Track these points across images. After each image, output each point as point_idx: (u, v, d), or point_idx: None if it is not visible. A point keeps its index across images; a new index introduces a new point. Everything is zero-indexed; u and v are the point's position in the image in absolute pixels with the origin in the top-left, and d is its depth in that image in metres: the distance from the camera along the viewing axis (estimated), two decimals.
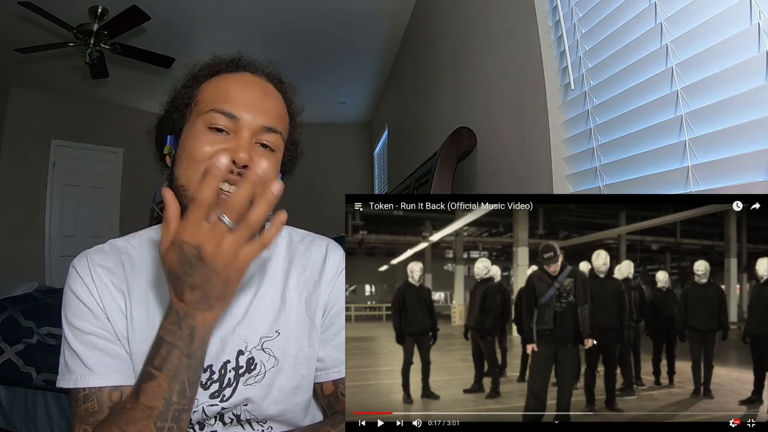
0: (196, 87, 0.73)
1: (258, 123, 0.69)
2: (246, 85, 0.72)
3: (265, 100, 0.72)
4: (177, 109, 0.73)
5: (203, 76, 0.74)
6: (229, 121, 0.68)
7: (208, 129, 0.68)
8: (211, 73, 0.74)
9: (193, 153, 0.67)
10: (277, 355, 0.73)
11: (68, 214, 5.11)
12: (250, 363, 0.72)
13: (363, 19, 3.57)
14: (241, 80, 0.72)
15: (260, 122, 0.69)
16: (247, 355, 0.72)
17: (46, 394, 1.83)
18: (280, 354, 0.73)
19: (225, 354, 0.71)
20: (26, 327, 1.99)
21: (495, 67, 1.70)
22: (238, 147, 0.66)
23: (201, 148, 0.67)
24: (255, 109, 0.69)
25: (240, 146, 0.66)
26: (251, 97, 0.70)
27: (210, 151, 0.66)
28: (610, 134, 1.05)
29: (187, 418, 0.60)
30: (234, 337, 0.72)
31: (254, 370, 0.72)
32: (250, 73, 0.74)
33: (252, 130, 0.69)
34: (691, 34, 0.81)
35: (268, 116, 0.71)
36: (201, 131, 0.68)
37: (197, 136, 0.68)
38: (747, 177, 0.71)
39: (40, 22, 3.24)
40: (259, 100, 0.71)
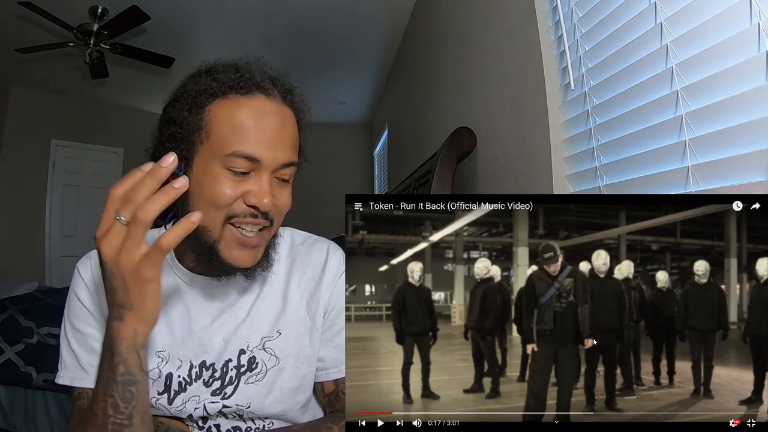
0: (203, 109, 0.66)
1: (279, 161, 0.66)
2: (263, 117, 0.66)
3: (284, 132, 0.68)
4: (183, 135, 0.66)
5: (207, 97, 0.66)
6: (249, 163, 0.64)
7: (227, 170, 0.64)
8: (218, 92, 0.66)
9: (215, 198, 0.64)
10: (278, 355, 0.74)
11: (68, 214, 5.11)
12: (252, 362, 0.73)
13: (363, 19, 3.57)
14: (256, 109, 0.66)
15: (281, 159, 0.67)
16: (249, 355, 0.73)
17: (46, 394, 1.83)
18: (281, 354, 0.74)
19: (227, 353, 0.73)
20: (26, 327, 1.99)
21: (495, 67, 1.70)
22: (261, 192, 0.65)
23: (224, 194, 0.64)
24: (275, 145, 0.66)
25: (263, 191, 0.65)
26: (269, 131, 0.66)
27: (232, 195, 0.64)
28: (610, 134, 1.05)
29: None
30: (236, 337, 0.73)
31: (255, 369, 0.73)
32: (264, 96, 0.67)
33: (272, 169, 0.66)
34: (691, 34, 0.81)
35: (285, 150, 0.67)
36: (221, 174, 0.64)
37: (217, 179, 0.64)
38: (747, 177, 0.71)
39: (40, 22, 3.24)
40: (277, 132, 0.66)
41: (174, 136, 0.66)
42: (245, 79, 0.66)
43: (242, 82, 0.66)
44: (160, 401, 0.71)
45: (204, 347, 0.73)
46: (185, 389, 0.71)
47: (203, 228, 0.65)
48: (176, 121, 0.66)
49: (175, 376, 0.71)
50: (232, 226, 0.66)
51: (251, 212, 0.66)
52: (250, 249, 0.67)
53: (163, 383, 0.71)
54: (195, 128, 0.66)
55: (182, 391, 0.71)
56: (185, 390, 0.71)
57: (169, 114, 0.68)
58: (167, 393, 0.71)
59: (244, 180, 0.65)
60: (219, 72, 0.68)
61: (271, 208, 0.66)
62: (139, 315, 0.54)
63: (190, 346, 0.72)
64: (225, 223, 0.65)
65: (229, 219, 0.65)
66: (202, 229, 0.65)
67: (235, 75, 0.67)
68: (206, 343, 0.73)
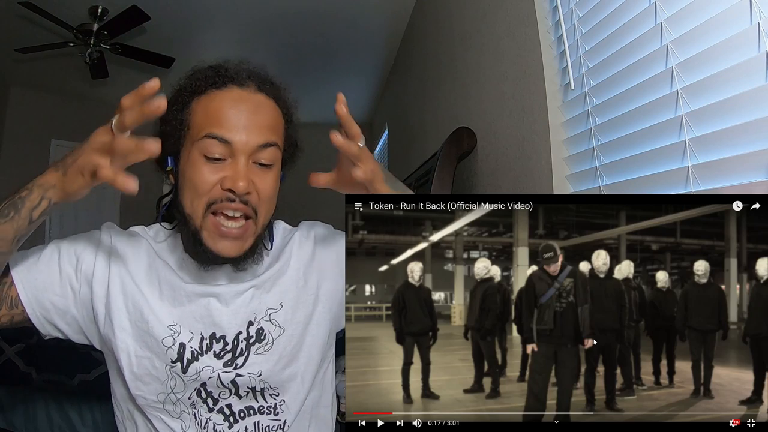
0: (186, 107, 0.72)
1: (253, 143, 0.69)
2: (235, 103, 0.70)
3: (257, 115, 0.71)
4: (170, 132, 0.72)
5: (189, 95, 0.72)
6: (223, 147, 0.68)
7: (205, 158, 0.68)
8: (197, 90, 0.72)
9: (194, 184, 0.69)
10: (282, 325, 0.78)
11: (68, 214, 5.11)
12: (260, 333, 0.76)
13: (363, 19, 3.57)
14: (229, 97, 0.70)
15: (255, 141, 0.69)
16: (257, 326, 0.77)
17: (46, 394, 1.83)
18: (285, 323, 0.78)
19: (236, 326, 0.76)
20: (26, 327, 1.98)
21: (495, 67, 1.70)
22: (236, 175, 0.68)
23: (201, 179, 0.68)
24: (248, 128, 0.69)
25: (238, 174, 0.68)
26: (242, 116, 0.69)
27: (211, 180, 0.68)
28: (610, 134, 1.05)
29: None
30: (245, 310, 0.77)
31: (264, 340, 0.76)
32: (238, 87, 0.71)
33: (247, 152, 0.69)
34: (691, 34, 0.81)
35: (261, 133, 0.70)
36: (198, 160, 0.69)
37: (195, 166, 0.69)
38: (747, 177, 0.71)
39: (40, 22, 3.24)
40: (250, 117, 0.70)
41: (165, 135, 0.71)
42: (220, 75, 0.72)
43: (217, 78, 0.71)
44: (174, 369, 0.72)
45: (213, 319, 0.75)
46: (197, 359, 0.73)
47: (188, 216, 0.70)
48: (166, 120, 0.72)
49: (187, 346, 0.73)
50: (212, 215, 0.69)
51: (228, 197, 0.68)
52: (232, 240, 0.70)
53: (176, 351, 0.73)
54: (180, 125, 0.71)
55: (195, 360, 0.73)
56: (197, 360, 0.73)
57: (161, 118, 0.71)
58: (180, 362, 0.73)
59: (221, 166, 0.69)
60: (199, 72, 0.73)
61: (248, 191, 0.68)
62: (63, 182, 0.61)
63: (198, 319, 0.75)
64: (206, 211, 0.69)
65: (209, 207, 0.69)
66: (187, 218, 0.70)
67: (212, 73, 0.72)
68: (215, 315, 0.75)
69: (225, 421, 0.74)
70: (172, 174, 0.74)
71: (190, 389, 0.73)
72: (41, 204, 0.63)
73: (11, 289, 0.71)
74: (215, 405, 0.74)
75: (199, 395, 0.74)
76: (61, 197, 0.63)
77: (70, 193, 0.62)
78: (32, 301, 0.72)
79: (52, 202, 0.63)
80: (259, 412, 0.76)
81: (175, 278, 0.75)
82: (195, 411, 0.74)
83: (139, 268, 0.75)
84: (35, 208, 0.63)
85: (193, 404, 0.73)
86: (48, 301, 0.72)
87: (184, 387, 0.73)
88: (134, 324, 0.73)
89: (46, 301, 0.72)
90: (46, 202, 0.63)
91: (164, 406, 0.73)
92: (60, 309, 0.73)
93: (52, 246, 0.75)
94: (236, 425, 0.75)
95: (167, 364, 0.72)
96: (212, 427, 0.74)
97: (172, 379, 0.73)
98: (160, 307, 0.74)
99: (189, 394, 0.73)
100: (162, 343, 0.72)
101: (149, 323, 0.73)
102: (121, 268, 0.75)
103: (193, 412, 0.73)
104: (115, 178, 0.58)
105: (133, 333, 0.73)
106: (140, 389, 0.72)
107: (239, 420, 0.75)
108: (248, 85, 0.72)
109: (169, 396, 0.73)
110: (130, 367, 0.72)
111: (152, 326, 0.72)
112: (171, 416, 0.73)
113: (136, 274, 0.75)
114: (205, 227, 0.69)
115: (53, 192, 0.63)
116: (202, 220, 0.69)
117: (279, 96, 0.76)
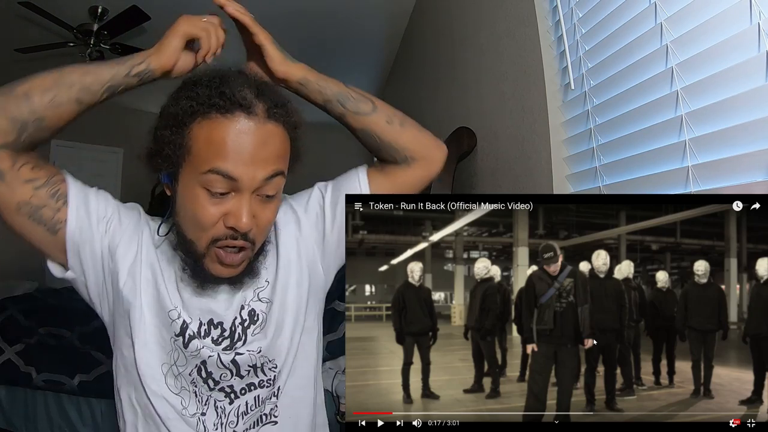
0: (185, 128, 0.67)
1: (259, 178, 0.66)
2: (241, 136, 0.65)
3: (266, 148, 0.66)
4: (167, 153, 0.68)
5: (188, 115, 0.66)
6: (228, 183, 0.65)
7: (208, 192, 0.66)
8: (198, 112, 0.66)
9: (197, 219, 0.67)
10: (270, 298, 0.78)
11: None
12: (252, 314, 0.76)
13: (363, 19, 3.57)
14: (235, 129, 0.65)
15: (261, 176, 0.66)
16: (248, 308, 0.76)
17: (46, 394, 1.83)
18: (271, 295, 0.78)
19: (233, 311, 0.76)
20: (26, 327, 1.99)
21: (495, 67, 1.70)
22: (239, 212, 0.66)
23: (204, 215, 0.67)
24: (255, 163, 0.65)
25: (241, 211, 0.66)
26: (247, 151, 0.65)
27: (214, 215, 0.67)
28: (610, 134, 1.05)
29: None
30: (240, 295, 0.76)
31: (257, 320, 0.76)
32: (245, 115, 0.65)
33: (253, 188, 0.66)
34: (691, 34, 0.81)
35: (268, 165, 0.67)
36: (200, 195, 0.66)
37: (197, 201, 0.66)
38: (747, 177, 0.71)
39: (40, 22, 3.24)
40: (258, 151, 0.66)
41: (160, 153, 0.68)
42: (226, 97, 0.65)
43: (222, 101, 0.65)
44: (177, 342, 0.73)
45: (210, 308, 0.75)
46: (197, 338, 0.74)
47: (190, 242, 0.70)
48: (163, 139, 0.68)
49: (189, 325, 0.74)
50: (216, 248, 0.69)
51: (231, 234, 0.67)
52: (234, 266, 0.71)
53: (180, 325, 0.73)
54: (178, 147, 0.67)
55: (195, 338, 0.74)
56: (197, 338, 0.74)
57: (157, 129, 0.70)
58: (182, 336, 0.73)
59: (223, 201, 0.66)
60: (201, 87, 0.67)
61: (251, 229, 0.68)
62: (158, 49, 0.71)
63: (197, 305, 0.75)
64: (210, 245, 0.69)
65: (213, 242, 0.68)
66: (189, 243, 0.70)
67: (216, 92, 0.66)
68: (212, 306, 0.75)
69: (226, 397, 0.75)
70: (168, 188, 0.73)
71: (191, 365, 0.74)
72: (141, 65, 0.70)
73: (63, 184, 0.71)
74: (216, 386, 0.75)
75: (200, 374, 0.74)
76: (161, 62, 0.70)
77: (168, 53, 0.70)
78: (77, 217, 0.70)
79: (150, 65, 0.70)
80: (259, 386, 0.76)
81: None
82: (196, 389, 0.74)
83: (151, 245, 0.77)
84: (136, 65, 0.70)
85: (193, 382, 0.74)
86: (87, 230, 0.71)
87: (186, 362, 0.74)
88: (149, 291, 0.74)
89: (86, 228, 0.71)
90: (145, 65, 0.70)
91: (166, 379, 0.73)
92: (94, 250, 0.72)
93: (97, 189, 0.76)
94: (236, 401, 0.75)
95: (172, 336, 0.73)
96: (213, 403, 0.74)
97: (175, 352, 0.73)
98: (170, 283, 0.75)
99: (190, 371, 0.74)
100: (168, 315, 0.73)
101: (160, 293, 0.74)
102: (149, 239, 0.76)
103: (194, 390, 0.74)
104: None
105: (147, 300, 0.73)
106: (146, 358, 0.73)
107: (239, 396, 0.75)
108: (256, 112, 0.66)
109: (171, 368, 0.73)
110: (143, 333, 0.72)
111: (163, 297, 0.74)
112: (172, 392, 0.73)
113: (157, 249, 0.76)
114: (208, 255, 0.70)
115: (153, 58, 0.70)
116: (205, 250, 0.70)
117: (288, 118, 0.71)
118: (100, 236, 0.73)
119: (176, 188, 0.70)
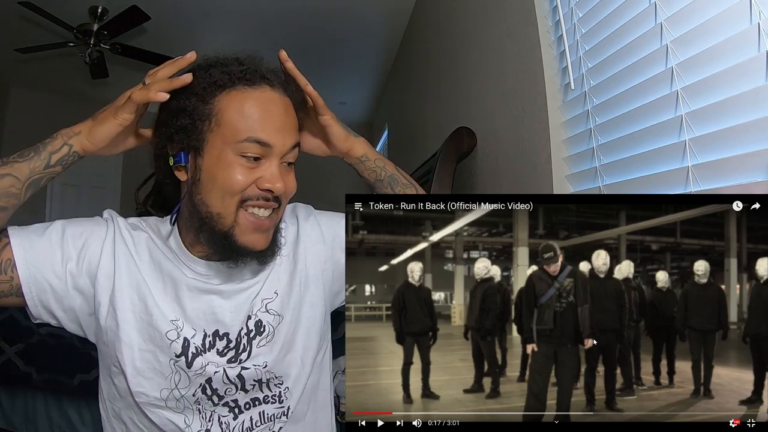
0: (212, 99, 0.69)
1: (288, 144, 0.71)
2: (270, 105, 0.71)
3: (288, 118, 0.73)
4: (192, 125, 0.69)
5: (217, 87, 0.70)
6: (262, 149, 0.69)
7: (240, 156, 0.68)
8: (224, 83, 0.70)
9: (230, 185, 0.68)
10: (281, 312, 0.78)
11: (68, 214, 5.07)
12: (259, 325, 0.76)
13: (363, 18, 3.57)
14: (263, 98, 0.71)
15: (289, 143, 0.72)
16: (255, 319, 0.76)
17: (47, 394, 1.83)
18: (282, 310, 0.78)
19: (239, 322, 0.76)
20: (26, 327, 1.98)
21: (495, 67, 1.70)
22: (272, 176, 0.69)
23: (237, 180, 0.68)
24: (282, 131, 0.71)
25: (275, 175, 0.70)
26: (278, 118, 0.71)
27: (245, 181, 0.69)
28: (610, 134, 1.05)
29: None
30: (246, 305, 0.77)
31: (264, 332, 0.76)
32: (270, 87, 0.72)
33: (282, 154, 0.71)
34: (691, 34, 0.81)
35: (292, 135, 0.73)
36: (234, 161, 0.68)
37: (231, 167, 0.68)
38: (747, 177, 0.71)
39: (40, 22, 3.24)
40: (283, 120, 0.72)
41: (184, 128, 0.70)
42: (251, 71, 0.71)
43: (249, 74, 0.71)
44: (178, 363, 0.72)
45: (216, 317, 0.75)
46: (201, 354, 0.73)
47: (218, 216, 0.69)
48: (186, 111, 0.69)
49: (191, 341, 0.73)
50: (245, 211, 0.70)
51: (264, 196, 0.70)
52: (263, 232, 0.72)
53: (181, 345, 0.72)
54: (205, 117, 0.69)
55: (199, 355, 0.73)
56: (201, 355, 0.73)
57: (176, 105, 0.70)
58: (185, 356, 0.72)
59: (256, 166, 0.69)
60: (226, 65, 0.72)
61: (284, 191, 0.71)
62: (91, 127, 0.70)
63: (201, 316, 0.74)
64: (239, 208, 0.69)
65: (242, 203, 0.69)
66: (216, 216, 0.69)
67: (241, 67, 0.71)
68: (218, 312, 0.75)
69: (230, 412, 0.74)
70: (184, 170, 0.72)
71: (195, 385, 0.72)
72: (62, 149, 0.68)
73: (5, 251, 0.67)
74: (220, 401, 0.74)
75: (204, 392, 0.73)
76: (86, 146, 0.69)
77: (98, 139, 0.68)
78: (29, 276, 0.68)
79: (73, 149, 0.68)
80: (264, 402, 0.76)
81: (176, 271, 0.74)
82: (200, 407, 0.73)
83: (142, 259, 0.74)
84: (56, 152, 0.67)
85: (197, 401, 0.73)
86: (46, 282, 0.69)
87: (189, 383, 0.72)
88: (138, 316, 0.71)
89: (44, 281, 0.68)
90: (67, 149, 0.68)
91: (167, 403, 0.72)
92: (58, 294, 0.70)
93: (58, 224, 0.73)
94: (241, 416, 0.75)
95: (171, 358, 0.72)
96: (217, 419, 0.73)
97: (176, 374, 0.72)
98: (163, 299, 0.73)
99: (193, 391, 0.72)
100: (166, 337, 0.71)
101: (153, 315, 0.71)
102: (129, 258, 0.73)
103: (197, 408, 0.73)
104: (148, 94, 0.66)
105: (137, 325, 0.71)
106: (142, 385, 0.71)
107: (244, 411, 0.75)
108: (276, 86, 0.73)
109: (172, 392, 0.72)
110: (133, 362, 0.71)
111: (156, 318, 0.71)
112: (174, 412, 0.72)
113: (140, 264, 0.74)
114: (237, 223, 0.70)
115: (77, 140, 0.68)
116: (234, 217, 0.69)
117: (297, 94, 0.77)
118: (65, 287, 0.70)
119: (199, 163, 0.69)
